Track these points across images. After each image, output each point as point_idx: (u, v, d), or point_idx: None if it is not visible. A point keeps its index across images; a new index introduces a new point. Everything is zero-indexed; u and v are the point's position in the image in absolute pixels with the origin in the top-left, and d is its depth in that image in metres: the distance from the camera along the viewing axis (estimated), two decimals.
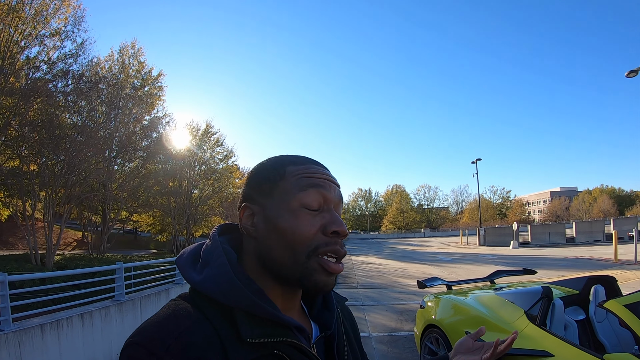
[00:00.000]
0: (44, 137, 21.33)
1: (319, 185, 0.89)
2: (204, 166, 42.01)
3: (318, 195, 0.88)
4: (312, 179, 0.90)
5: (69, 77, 23.97)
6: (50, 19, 23.00)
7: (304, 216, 0.86)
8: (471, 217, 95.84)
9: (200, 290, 0.83)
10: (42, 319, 6.25)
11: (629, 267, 17.21)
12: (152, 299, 9.15)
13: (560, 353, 3.54)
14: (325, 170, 0.95)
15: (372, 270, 21.89)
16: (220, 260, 0.85)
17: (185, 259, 0.93)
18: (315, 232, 0.86)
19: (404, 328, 8.90)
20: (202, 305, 0.81)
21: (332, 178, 0.95)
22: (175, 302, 0.83)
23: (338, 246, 0.87)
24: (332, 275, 0.87)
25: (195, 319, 0.77)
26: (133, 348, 0.73)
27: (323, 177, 0.91)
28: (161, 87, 34.30)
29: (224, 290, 0.80)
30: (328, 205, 0.90)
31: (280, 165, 0.93)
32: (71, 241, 46.90)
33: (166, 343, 0.71)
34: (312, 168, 0.92)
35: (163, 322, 0.76)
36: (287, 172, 0.91)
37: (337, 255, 0.87)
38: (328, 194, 0.90)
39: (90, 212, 31.40)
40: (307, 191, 0.88)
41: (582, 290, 4.79)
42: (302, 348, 0.84)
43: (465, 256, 29.50)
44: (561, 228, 41.21)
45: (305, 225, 0.85)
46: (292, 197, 0.87)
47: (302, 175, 0.90)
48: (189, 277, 0.87)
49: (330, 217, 0.88)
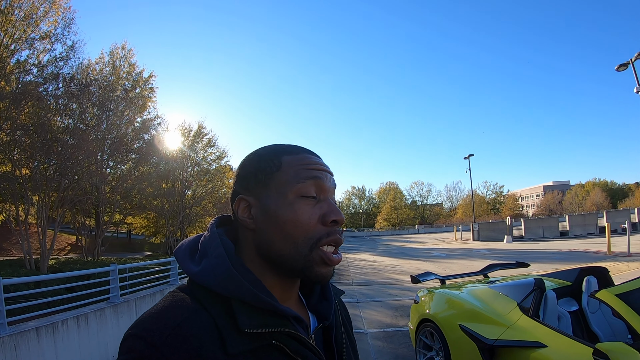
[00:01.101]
0: (36, 141, 21.30)
1: (317, 176, 0.90)
2: (197, 167, 41.79)
3: (316, 186, 0.89)
4: (309, 171, 0.90)
5: (60, 80, 24.02)
6: (40, 22, 22.96)
7: (303, 208, 0.87)
8: (465, 213, 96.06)
9: (198, 282, 0.83)
10: (37, 322, 6.23)
11: (622, 259, 17.24)
12: (147, 300, 9.13)
13: (553, 344, 3.57)
14: (320, 160, 0.96)
15: (366, 268, 21.85)
16: (218, 251, 0.85)
17: (184, 250, 0.93)
18: (315, 223, 0.87)
19: (399, 323, 8.91)
20: (200, 296, 0.81)
21: (327, 167, 0.96)
22: (174, 293, 0.84)
23: (338, 235, 0.89)
24: (332, 266, 0.89)
25: (193, 310, 0.77)
26: (132, 340, 0.73)
27: (319, 167, 0.92)
28: (152, 89, 34.14)
29: (221, 281, 0.81)
30: (325, 194, 0.91)
31: (275, 155, 0.93)
32: (65, 245, 46.58)
33: (164, 334, 0.72)
34: (307, 158, 0.93)
35: (161, 314, 0.76)
36: (283, 162, 0.91)
37: (337, 244, 0.89)
38: (325, 184, 0.91)
39: (84, 215, 31.22)
40: (306, 183, 0.88)
41: (574, 282, 4.83)
42: (301, 338, 0.84)
43: (459, 251, 29.53)
44: (554, 222, 41.29)
45: (306, 217, 0.86)
46: (290, 189, 0.88)
47: (299, 166, 0.91)
48: (187, 269, 0.87)
49: (328, 206, 0.89)
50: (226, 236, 0.92)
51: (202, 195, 41.50)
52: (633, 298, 3.41)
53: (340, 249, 0.94)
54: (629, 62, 21.15)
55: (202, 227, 43.52)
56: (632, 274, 12.48)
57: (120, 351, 0.74)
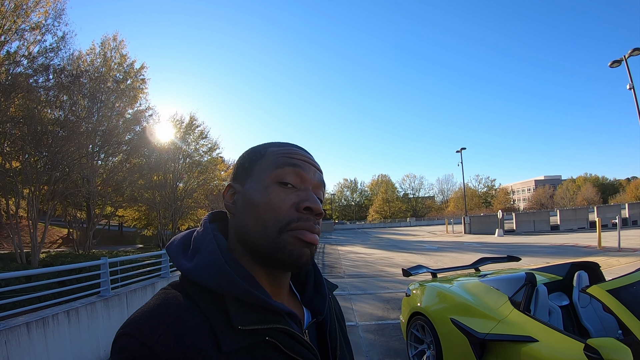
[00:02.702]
0: (26, 133, 21.14)
1: (296, 164, 0.90)
2: (189, 159, 41.66)
3: (294, 173, 0.89)
4: (290, 159, 0.91)
5: (50, 72, 23.80)
6: (31, 13, 22.71)
7: (277, 191, 0.87)
8: (456, 206, 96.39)
9: (190, 278, 0.82)
10: (27, 317, 6.17)
11: (612, 254, 17.37)
12: (138, 294, 9.09)
13: (544, 338, 3.59)
14: (307, 154, 0.96)
15: (358, 260, 21.87)
16: (211, 247, 0.85)
17: (176, 246, 0.92)
18: (288, 207, 0.86)
19: (391, 316, 8.94)
20: (193, 292, 0.80)
21: (313, 162, 0.95)
22: (166, 290, 0.83)
23: (311, 222, 0.87)
24: (308, 246, 0.86)
25: (185, 307, 0.77)
26: (124, 339, 0.72)
27: (302, 158, 0.92)
28: (144, 80, 33.97)
29: (214, 278, 0.80)
30: (306, 185, 0.90)
31: (263, 147, 0.96)
32: (57, 239, 46.34)
33: (157, 333, 0.71)
34: (293, 150, 0.93)
35: (153, 312, 0.75)
36: (267, 152, 0.93)
37: (311, 231, 0.86)
38: (306, 174, 0.90)
39: (75, 208, 31.11)
40: (284, 168, 0.89)
41: (565, 276, 4.86)
42: (294, 334, 0.84)
43: (451, 244, 29.62)
44: (546, 216, 41.45)
45: (278, 200, 0.86)
46: (268, 174, 0.89)
47: (280, 155, 0.91)
48: (179, 265, 0.86)
49: (306, 195, 0.88)
50: (219, 231, 0.92)
51: (194, 188, 41.44)
52: (625, 294, 3.42)
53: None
54: (622, 58, 21.21)
55: (194, 220, 43.63)
56: (623, 269, 12.59)
57: (112, 350, 0.73)
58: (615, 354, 2.82)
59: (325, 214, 0.93)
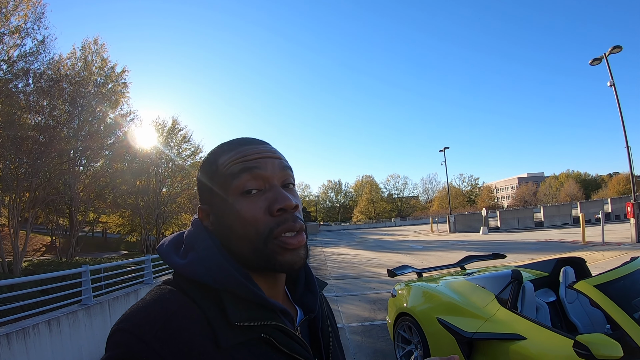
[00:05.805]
0: (5, 140, 20.78)
1: (251, 167, 0.87)
2: (172, 163, 41.31)
3: (253, 178, 0.86)
4: (242, 164, 0.87)
5: (30, 76, 23.45)
6: (10, 16, 22.28)
7: (245, 205, 0.84)
8: (441, 205, 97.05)
9: (185, 274, 0.82)
10: (8, 327, 6.09)
11: (597, 249, 17.61)
12: (121, 301, 9.00)
13: (532, 335, 3.58)
14: (258, 147, 0.92)
15: (344, 261, 21.94)
16: (206, 243, 0.85)
17: (167, 246, 0.91)
18: (262, 216, 0.83)
19: (377, 317, 8.93)
20: (188, 289, 0.80)
21: (269, 152, 0.92)
22: (160, 287, 0.82)
23: (290, 221, 0.84)
24: (296, 251, 0.85)
25: (181, 303, 0.76)
26: (120, 334, 0.71)
27: (254, 156, 0.89)
28: (125, 84, 33.57)
29: (211, 272, 0.80)
30: (269, 182, 0.87)
31: (213, 159, 0.92)
32: (40, 246, 45.84)
33: (154, 328, 0.70)
34: (240, 152, 0.89)
35: (149, 307, 0.75)
36: (219, 165, 0.89)
37: (292, 230, 0.84)
38: (264, 172, 0.87)
39: (57, 215, 30.76)
40: (241, 177, 0.85)
41: (551, 272, 4.87)
42: (288, 331, 0.84)
43: (436, 243, 29.82)
44: (530, 213, 41.89)
45: (250, 214, 0.83)
46: (228, 189, 0.86)
47: (231, 164, 0.88)
48: (172, 262, 0.85)
49: (273, 195, 0.85)
50: None
51: (178, 192, 41.15)
52: (612, 289, 3.43)
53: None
54: (602, 56, 21.41)
55: (178, 225, 43.43)
56: (608, 263, 12.77)
57: (107, 346, 0.72)
58: (605, 349, 2.81)
59: (300, 205, 0.89)
